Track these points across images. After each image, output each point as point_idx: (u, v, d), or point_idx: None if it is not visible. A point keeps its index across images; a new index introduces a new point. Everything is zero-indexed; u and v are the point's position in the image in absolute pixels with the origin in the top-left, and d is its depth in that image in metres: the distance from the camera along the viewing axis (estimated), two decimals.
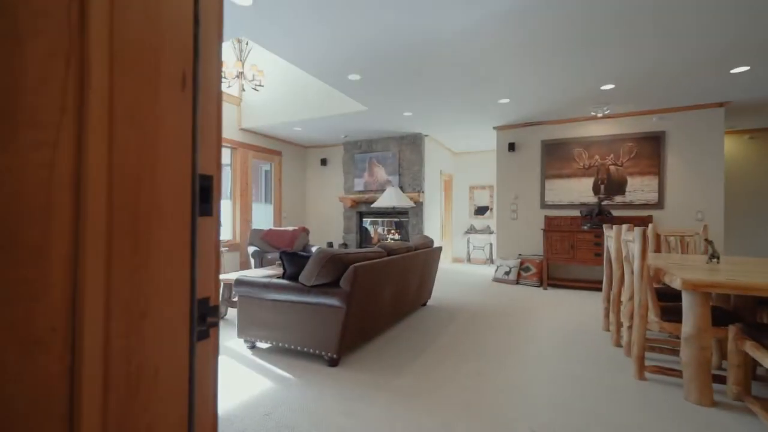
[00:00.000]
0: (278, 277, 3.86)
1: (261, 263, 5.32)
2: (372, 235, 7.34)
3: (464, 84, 4.21)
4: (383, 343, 2.98)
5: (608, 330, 3.32)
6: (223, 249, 5.41)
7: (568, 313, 3.98)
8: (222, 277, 3.56)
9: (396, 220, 7.02)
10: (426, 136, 6.75)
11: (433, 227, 7.11)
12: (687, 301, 2.03)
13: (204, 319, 0.49)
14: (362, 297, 2.65)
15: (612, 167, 5.31)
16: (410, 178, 6.72)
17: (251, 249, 5.46)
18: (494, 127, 6.19)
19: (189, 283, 0.48)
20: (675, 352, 2.63)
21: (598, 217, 5.08)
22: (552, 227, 5.59)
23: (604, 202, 5.33)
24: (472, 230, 8.28)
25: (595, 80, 4.06)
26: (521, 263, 5.80)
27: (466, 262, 8.26)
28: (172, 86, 0.43)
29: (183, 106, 0.45)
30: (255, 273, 3.80)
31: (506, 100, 4.76)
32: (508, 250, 6.16)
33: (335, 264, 2.55)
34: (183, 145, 0.46)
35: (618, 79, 4.01)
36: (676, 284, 2.01)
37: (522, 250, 6.05)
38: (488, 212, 8.31)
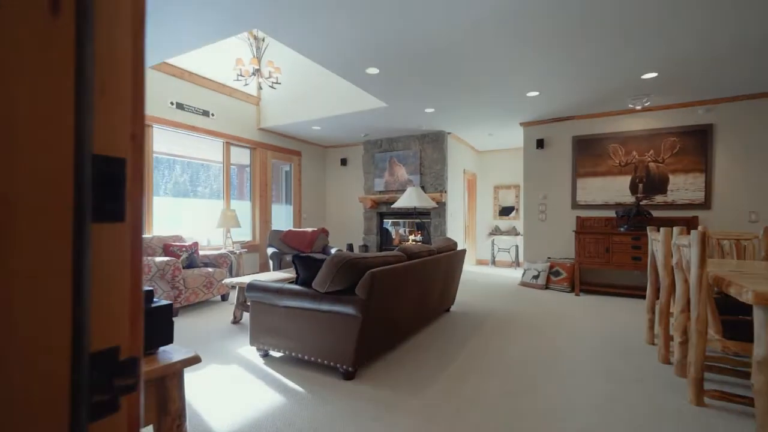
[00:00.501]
0: (292, 282, 3.73)
1: (279, 265, 5.22)
2: (393, 237, 7.14)
3: (490, 76, 3.95)
4: (403, 354, 2.78)
5: (653, 344, 2.99)
6: (241, 250, 5.36)
7: (604, 322, 3.65)
8: (236, 280, 3.46)
9: (417, 221, 6.79)
10: (449, 133, 6.50)
11: (456, 228, 6.84)
12: (760, 319, 1.73)
13: (109, 383, 0.32)
14: (380, 305, 2.46)
15: (652, 164, 4.90)
16: (432, 177, 6.49)
17: (270, 250, 5.38)
18: (521, 123, 5.87)
19: (69, 327, 0.30)
20: (739, 373, 2.30)
21: (636, 218, 4.69)
22: (584, 229, 5.23)
23: (643, 202, 4.92)
24: (496, 232, 7.95)
25: (635, 68, 3.71)
26: (550, 267, 5.46)
27: (491, 265, 7.94)
28: (32, 7, 0.26)
29: (55, 40, 0.28)
30: (270, 276, 3.68)
31: (535, 93, 4.46)
32: (536, 253, 5.82)
33: (350, 269, 2.37)
34: (57, 107, 0.29)
35: (661, 66, 3.65)
36: (746, 297, 1.71)
37: (551, 253, 5.70)
38: (514, 213, 7.95)
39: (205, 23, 2.88)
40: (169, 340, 1.23)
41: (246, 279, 3.51)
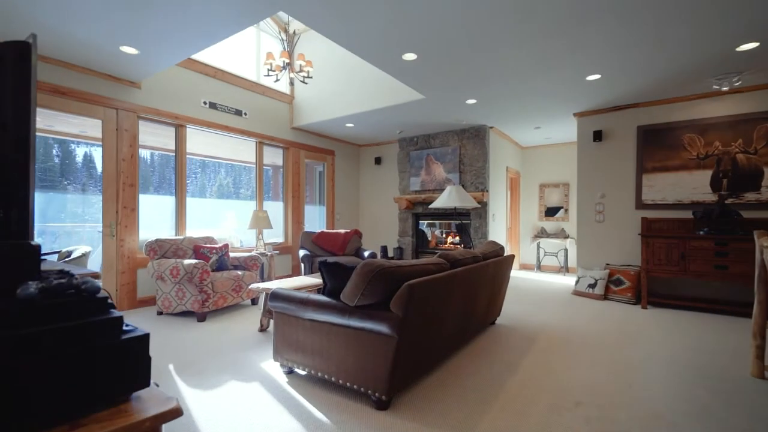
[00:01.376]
0: (319, 290, 3.45)
1: (311, 268, 4.99)
2: (429, 239, 6.74)
3: (544, 57, 3.47)
4: (445, 377, 2.40)
5: (763, 377, 2.39)
6: (273, 252, 5.19)
7: (686, 344, 3.05)
8: (263, 285, 3.23)
9: (456, 222, 6.35)
10: (491, 128, 6.00)
11: (498, 230, 6.32)
12: None
13: None
14: (419, 322, 2.09)
15: (740, 156, 4.15)
16: (472, 175, 6.02)
17: (301, 253, 5.18)
18: (575, 114, 5.26)
19: None
20: None
21: (720, 219, 3.99)
22: (653, 232, 4.55)
23: (728, 201, 4.19)
24: (542, 234, 7.31)
25: (730, 38, 3.08)
26: (610, 275, 4.83)
27: (536, 270, 7.30)
28: None
29: None
30: (298, 282, 3.42)
31: (596, 77, 3.90)
32: (591, 259, 5.19)
33: (384, 280, 2.03)
34: None
35: (765, 34, 3.00)
36: None
37: (610, 259, 5.05)
38: (562, 213, 7.27)
39: (233, 6, 2.66)
40: (144, 382, 0.92)
41: (273, 284, 3.27)
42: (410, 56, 3.44)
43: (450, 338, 2.59)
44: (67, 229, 4.01)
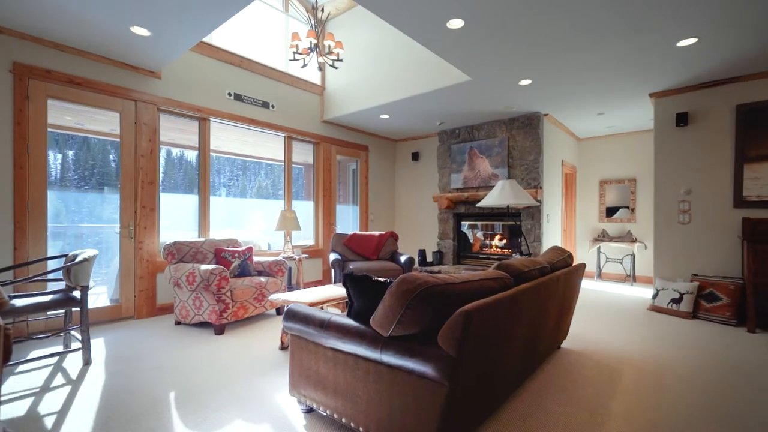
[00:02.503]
0: (345, 303, 2.95)
1: (341, 275, 4.52)
2: (472, 242, 6.07)
3: (629, 16, 2.76)
4: (507, 426, 1.80)
5: None
6: (302, 256, 4.79)
7: None
8: (283, 297, 2.78)
9: (504, 223, 5.65)
10: (545, 115, 5.26)
11: (552, 233, 5.55)
12: None
13: None
14: (478, 361, 1.52)
15: None
16: (523, 170, 5.30)
17: (332, 257, 4.73)
18: (651, 95, 4.42)
19: None
20: None
21: None
22: (759, 236, 3.65)
23: None
24: (603, 237, 6.40)
25: None
26: (701, 288, 3.96)
27: (597, 279, 6.41)
28: None
29: None
30: (324, 293, 2.93)
31: (690, 41, 3.11)
32: (674, 268, 4.32)
33: (430, 302, 1.48)
34: None
35: None
36: None
37: (699, 268, 4.17)
38: (626, 213, 6.33)
39: None
40: None
41: (293, 296, 2.81)
42: (456, 23, 2.86)
43: (512, 372, 1.99)
44: (95, 229, 3.80)
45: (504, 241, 5.81)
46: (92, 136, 3.63)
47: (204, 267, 3.24)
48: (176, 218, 4.20)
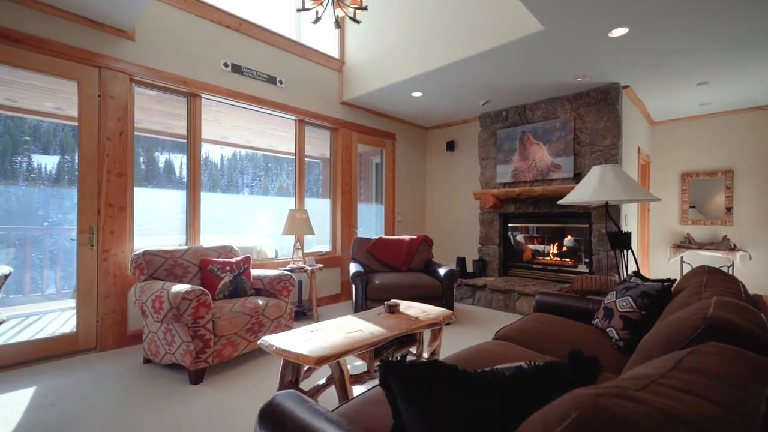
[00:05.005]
0: (372, 354, 1.97)
1: (365, 293, 3.55)
2: (520, 247, 4.97)
3: None
4: None
5: None
6: (315, 266, 3.85)
7: None
8: (275, 344, 1.80)
9: (566, 225, 4.52)
10: (624, 88, 4.10)
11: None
12: None
13: None
14: None
15: None
16: (594, 159, 4.17)
17: (353, 268, 3.76)
18: None
19: None
20: None
21: None
22: None
23: None
24: (688, 243, 5.15)
25: None
26: None
27: None
28: None
29: None
30: (339, 335, 1.93)
31: None
32: None
33: None
34: None
35: None
36: None
37: None
38: (718, 213, 5.06)
39: None
40: None
41: (291, 342, 1.81)
42: None
43: None
44: (46, 232, 2.99)
45: (556, 248, 4.68)
46: (31, 116, 2.80)
47: (176, 288, 2.33)
48: (159, 219, 3.34)
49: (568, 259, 4.58)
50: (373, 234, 5.41)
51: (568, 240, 4.61)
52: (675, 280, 1.93)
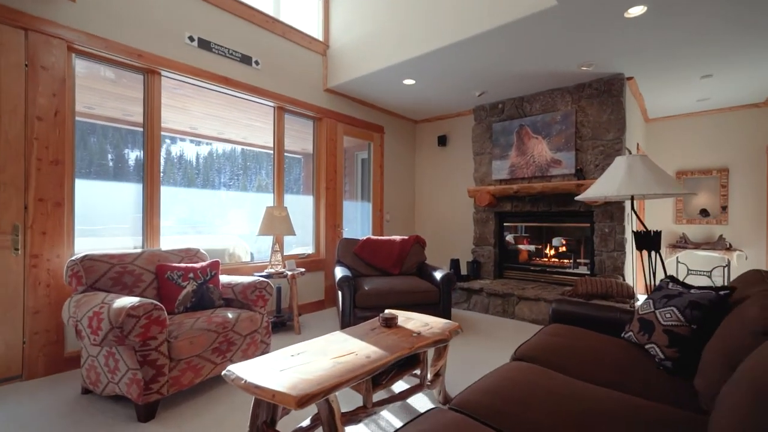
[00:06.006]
0: (369, 383, 1.58)
1: (353, 300, 3.13)
2: (516, 248, 4.67)
3: None
4: None
5: None
6: (296, 271, 3.41)
7: None
8: (240, 373, 1.38)
9: (565, 225, 4.26)
10: (628, 79, 3.86)
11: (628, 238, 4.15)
12: None
13: None
14: None
15: None
16: (597, 154, 3.91)
17: (339, 272, 3.33)
18: None
19: None
20: None
21: None
22: None
23: None
24: (684, 243, 5.00)
25: None
26: None
27: None
28: None
29: None
30: (327, 361, 1.51)
31: None
32: None
33: None
34: None
35: None
36: None
37: None
38: (713, 212, 4.93)
39: None
40: None
41: (264, 370, 1.39)
42: None
43: None
44: None
45: (561, 248, 4.42)
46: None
47: (120, 302, 1.85)
48: (112, 218, 2.81)
49: (567, 261, 4.31)
50: (359, 235, 5.00)
51: (559, 241, 4.34)
52: (732, 288, 1.63)
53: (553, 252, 4.46)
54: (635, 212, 2.24)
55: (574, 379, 1.49)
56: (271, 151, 3.90)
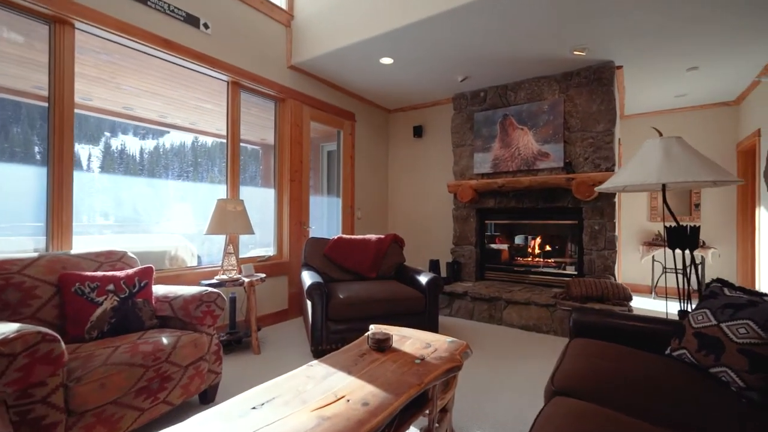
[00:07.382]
0: None
1: (325, 309, 2.61)
2: (499, 248, 4.37)
3: None
4: None
5: None
6: (255, 277, 2.83)
7: None
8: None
9: (552, 222, 4.00)
10: (618, 68, 3.67)
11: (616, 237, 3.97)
12: None
13: None
14: None
15: None
16: (586, 146, 3.68)
17: (307, 277, 2.79)
18: None
19: None
20: None
21: None
22: None
23: None
24: (660, 241, 4.97)
25: None
26: None
27: (653, 296, 4.97)
28: None
29: None
30: (311, 386, 1.02)
31: None
32: None
33: None
34: None
35: None
36: None
37: None
38: (683, 210, 4.95)
39: None
40: None
41: None
42: None
43: None
44: None
45: (541, 247, 4.17)
46: None
47: None
48: (9, 214, 2.09)
49: (553, 260, 4.06)
50: (326, 234, 4.47)
51: (545, 239, 4.10)
52: None
53: (538, 251, 4.20)
54: (667, 204, 1.93)
55: (646, 424, 1.09)
56: (224, 140, 3.27)
